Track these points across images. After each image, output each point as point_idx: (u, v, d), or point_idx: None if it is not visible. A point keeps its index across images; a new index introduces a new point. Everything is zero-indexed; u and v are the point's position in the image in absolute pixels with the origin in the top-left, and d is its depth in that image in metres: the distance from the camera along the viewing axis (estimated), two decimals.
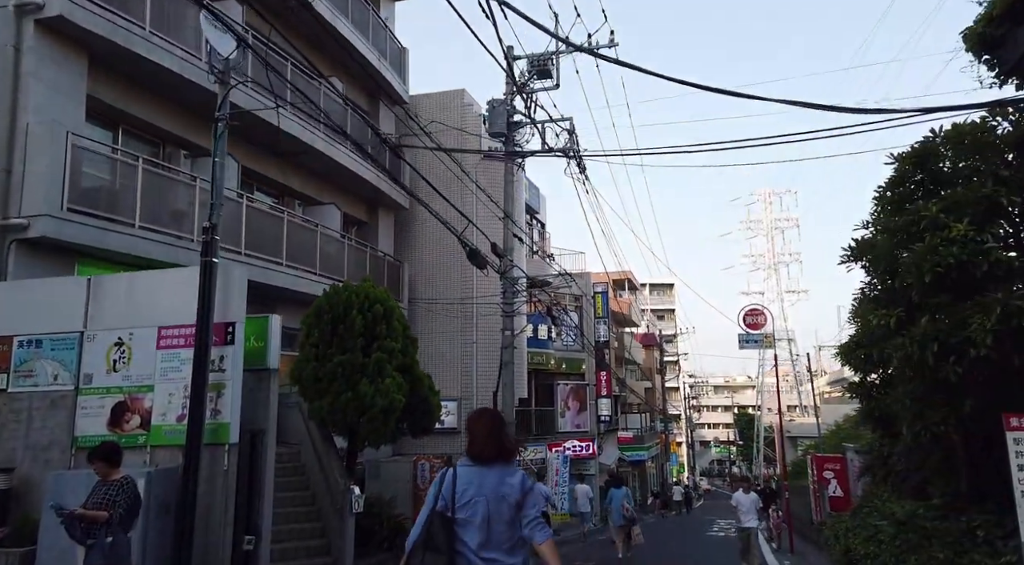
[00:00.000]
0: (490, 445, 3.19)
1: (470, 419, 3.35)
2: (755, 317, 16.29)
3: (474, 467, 3.19)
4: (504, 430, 3.33)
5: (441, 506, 3.16)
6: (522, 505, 3.16)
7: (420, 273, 17.95)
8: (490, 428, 3.24)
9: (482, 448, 3.20)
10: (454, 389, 17.34)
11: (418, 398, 10.07)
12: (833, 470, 17.86)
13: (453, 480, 3.19)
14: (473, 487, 3.13)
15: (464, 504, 3.10)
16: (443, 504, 3.16)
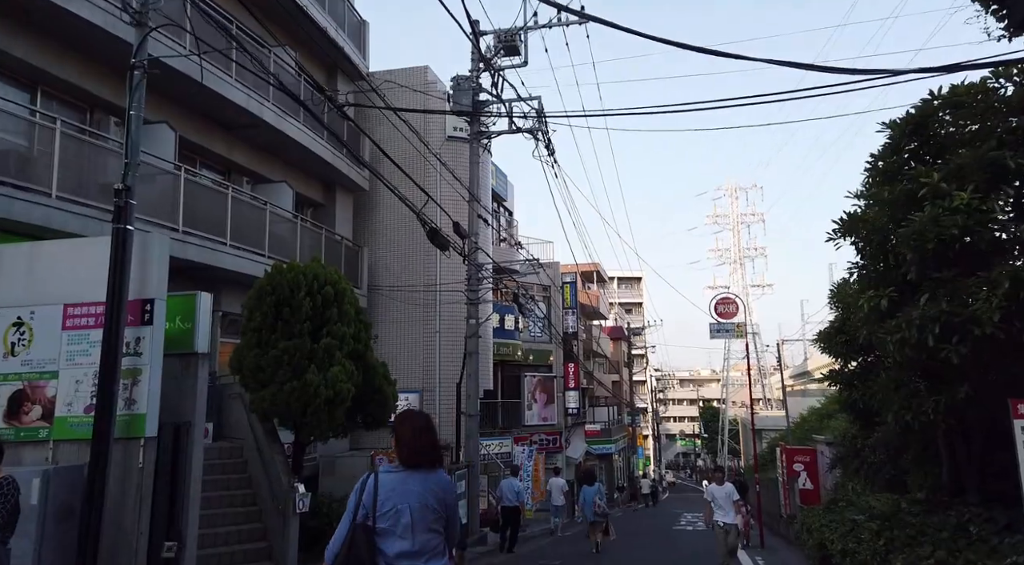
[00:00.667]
0: (416, 449, 3.04)
1: (396, 421, 3.19)
2: (726, 306, 15.82)
3: (397, 473, 3.04)
4: (431, 433, 3.16)
5: (362, 516, 2.99)
6: (446, 511, 3.06)
7: (381, 259, 17.09)
8: (416, 431, 3.09)
9: (408, 452, 3.05)
10: (415, 380, 16.56)
11: (372, 388, 9.29)
12: (803, 462, 17.56)
13: (375, 487, 3.02)
14: (396, 494, 2.97)
15: (385, 513, 2.95)
16: (364, 513, 2.99)
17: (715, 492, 10.84)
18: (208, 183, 11.04)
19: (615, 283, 68.68)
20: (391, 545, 2.94)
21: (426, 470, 3.05)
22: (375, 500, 2.98)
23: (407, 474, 3.03)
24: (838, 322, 9.62)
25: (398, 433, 3.11)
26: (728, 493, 10.70)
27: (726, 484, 10.99)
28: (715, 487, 10.98)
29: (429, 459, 3.08)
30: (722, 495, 10.72)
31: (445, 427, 16.24)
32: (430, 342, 16.58)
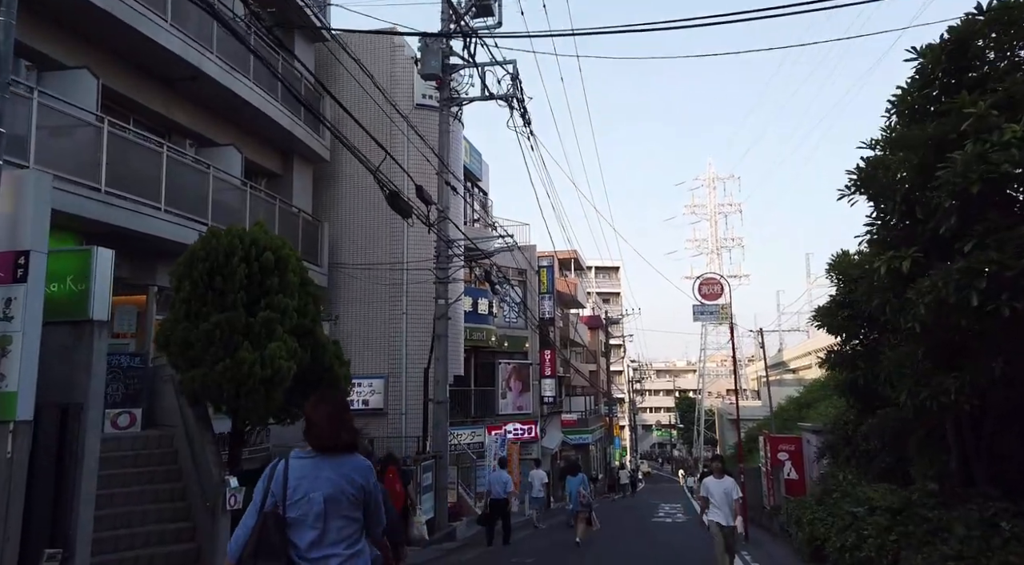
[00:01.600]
0: (328, 433, 2.88)
1: (309, 404, 3.02)
2: (710, 287, 14.96)
3: (309, 459, 2.89)
4: (345, 417, 2.99)
5: (271, 504, 2.83)
6: (363, 498, 2.89)
7: (343, 235, 15.92)
8: (330, 415, 2.93)
9: (320, 437, 2.89)
10: (380, 365, 15.46)
11: (320, 368, 8.19)
12: (788, 451, 16.80)
13: (284, 474, 2.86)
14: (307, 481, 2.82)
15: (296, 501, 2.81)
16: (272, 501, 2.83)
17: (712, 488, 8.77)
18: (139, 139, 9.79)
19: (592, 273, 68.07)
20: (303, 536, 2.79)
21: (341, 455, 2.87)
22: (285, 487, 2.81)
23: (320, 459, 2.85)
24: (840, 295, 8.78)
25: (310, 416, 2.93)
26: (728, 490, 8.73)
27: (726, 478, 8.91)
28: (712, 482, 8.88)
29: (344, 443, 2.89)
30: (720, 492, 8.67)
31: (412, 415, 15.20)
32: (396, 324, 15.50)
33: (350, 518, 2.85)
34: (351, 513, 2.86)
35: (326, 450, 2.86)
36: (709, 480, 9.07)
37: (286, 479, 2.84)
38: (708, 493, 8.83)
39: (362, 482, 2.88)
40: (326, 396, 3.06)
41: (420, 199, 9.88)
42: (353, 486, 2.85)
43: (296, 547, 2.78)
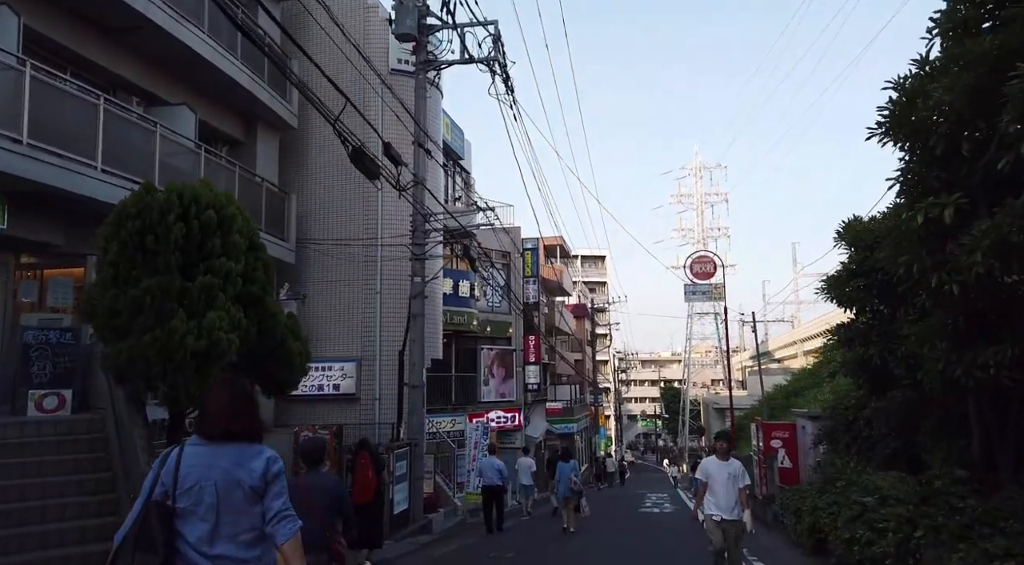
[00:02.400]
0: (225, 419, 2.66)
1: (210, 388, 2.84)
2: (703, 265, 14.13)
3: (204, 446, 2.68)
4: (248, 402, 2.77)
5: (159, 493, 2.65)
6: (264, 494, 2.65)
7: (314, 210, 14.89)
8: (229, 398, 2.72)
9: (215, 422, 2.68)
10: (353, 347, 14.49)
11: (271, 342, 7.24)
12: (781, 438, 16.05)
13: (177, 461, 2.67)
14: (199, 470, 2.64)
15: (186, 490, 2.61)
16: (162, 491, 2.65)
17: (712, 470, 7.09)
18: (69, 88, 8.71)
19: (579, 262, 67.37)
20: (192, 528, 2.60)
21: (240, 442, 2.69)
22: (176, 476, 2.64)
23: (216, 447, 2.68)
24: (853, 263, 7.95)
25: (208, 400, 2.78)
26: (734, 474, 7.06)
27: (732, 460, 7.25)
28: (712, 463, 7.20)
29: (244, 429, 2.70)
30: (723, 477, 7.00)
31: (386, 401, 14.27)
32: (370, 304, 14.52)
33: (247, 513, 2.63)
34: (249, 507, 2.63)
35: (214, 438, 2.66)
36: (710, 461, 7.26)
37: (178, 467, 2.65)
38: (708, 476, 7.06)
39: (261, 473, 2.64)
40: (227, 380, 2.87)
41: (388, 158, 8.89)
42: (252, 477, 2.62)
43: (185, 539, 2.59)
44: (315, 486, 5.08)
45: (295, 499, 5.73)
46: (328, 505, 5.01)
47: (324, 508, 4.95)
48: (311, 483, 5.12)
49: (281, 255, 13.48)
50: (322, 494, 5.01)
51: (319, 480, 5.24)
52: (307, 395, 14.27)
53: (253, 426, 2.74)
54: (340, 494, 5.28)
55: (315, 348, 14.64)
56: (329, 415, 14.11)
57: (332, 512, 5.04)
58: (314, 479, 5.23)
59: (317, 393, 14.23)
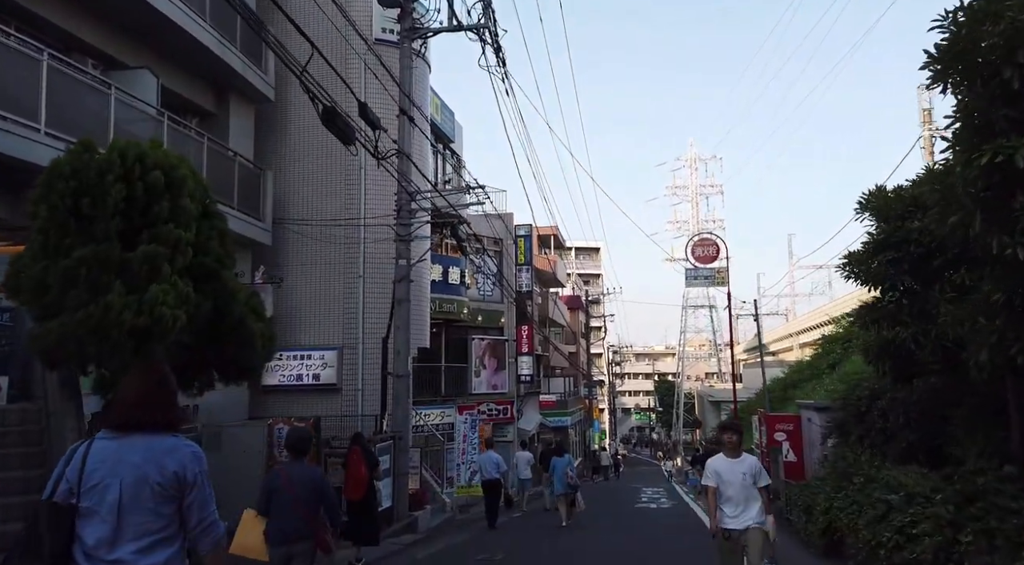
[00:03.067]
0: (136, 409, 2.44)
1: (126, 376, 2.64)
2: (705, 248, 13.34)
3: (114, 439, 2.45)
4: (164, 390, 2.54)
5: (63, 492, 2.41)
6: (183, 496, 2.41)
7: (292, 188, 14.01)
8: (143, 386, 2.51)
9: (124, 412, 2.47)
10: (334, 335, 13.65)
11: (228, 321, 6.39)
12: (785, 431, 15.36)
13: (83, 457, 2.44)
14: (107, 466, 2.39)
15: (91, 488, 2.38)
16: (66, 489, 2.41)
17: (722, 471, 5.68)
18: (9, 42, 7.80)
19: (573, 254, 66.61)
20: (92, 530, 2.36)
21: (153, 434, 2.44)
22: (81, 472, 2.40)
23: (127, 441, 2.43)
24: (881, 235, 7.17)
25: (121, 389, 2.57)
26: (749, 473, 5.68)
27: (745, 457, 5.89)
28: (722, 462, 5.76)
29: (156, 420, 2.45)
30: (736, 478, 5.60)
31: (369, 391, 13.44)
32: (352, 289, 13.67)
33: (156, 513, 2.41)
34: (159, 507, 2.41)
35: (124, 429, 2.46)
36: (718, 460, 5.79)
37: (84, 463, 2.43)
38: (719, 480, 5.64)
39: (176, 470, 2.42)
40: (144, 367, 2.68)
41: (364, 120, 8.03)
42: (164, 475, 2.41)
43: (84, 543, 2.36)
44: (298, 477, 5.09)
45: (279, 490, 5.07)
46: (311, 496, 5.00)
47: (307, 499, 4.97)
48: (294, 474, 5.12)
49: (256, 235, 12.63)
50: (305, 485, 5.02)
51: (302, 471, 5.22)
52: (285, 385, 13.44)
53: (168, 417, 2.50)
54: (322, 485, 5.22)
55: (294, 335, 13.86)
56: (309, 407, 13.27)
57: (315, 503, 5.02)
58: (297, 470, 5.20)
59: (296, 383, 13.40)
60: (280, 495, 5.05)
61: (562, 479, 13.07)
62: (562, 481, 13.08)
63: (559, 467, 13.21)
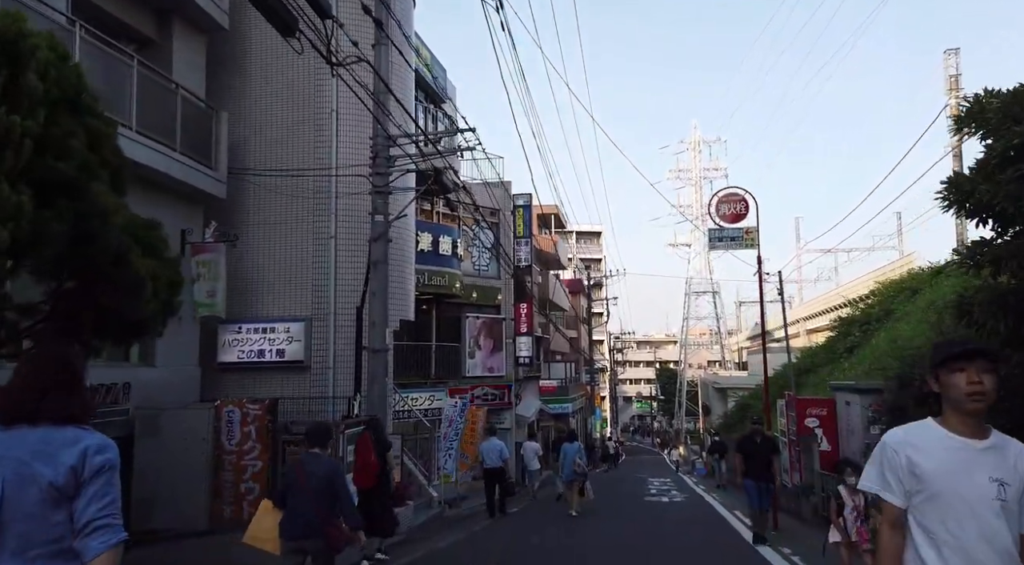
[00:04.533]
0: (29, 397, 2.06)
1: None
2: (732, 205, 11.47)
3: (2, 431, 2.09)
4: (66, 377, 2.15)
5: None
6: (76, 495, 2.00)
7: (253, 135, 12.11)
8: (40, 370, 2.14)
9: (15, 401, 2.08)
10: (301, 304, 11.79)
11: (97, 251, 4.52)
12: (818, 416, 13.56)
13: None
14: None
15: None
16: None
17: (938, 473, 2.12)
18: None
19: (574, 238, 64.79)
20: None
21: (50, 427, 2.04)
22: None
23: (13, 433, 2.04)
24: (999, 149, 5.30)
25: (14, 372, 2.16)
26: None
27: (997, 438, 2.15)
28: (938, 443, 2.20)
29: (55, 410, 2.06)
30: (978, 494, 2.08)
31: (342, 369, 11.60)
32: (322, 252, 11.80)
33: (45, 520, 1.95)
34: (49, 513, 1.95)
35: (8, 420, 2.05)
36: (919, 436, 2.25)
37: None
38: (926, 495, 2.14)
39: (74, 463, 1.98)
40: (47, 349, 2.31)
41: (313, 6, 6.10)
42: (58, 473, 1.96)
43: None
44: (311, 469, 4.93)
45: (294, 484, 4.85)
46: (322, 489, 4.85)
47: (318, 492, 4.82)
48: (309, 467, 4.97)
49: (207, 186, 10.75)
50: (316, 478, 4.88)
51: (315, 463, 5.02)
52: (245, 363, 11.60)
53: (69, 406, 2.06)
54: (335, 478, 5.03)
55: (254, 305, 11.99)
56: (273, 387, 11.46)
57: (327, 496, 4.87)
58: (311, 462, 5.02)
59: (257, 361, 11.56)
60: (295, 489, 4.90)
61: (571, 466, 12.97)
62: (571, 467, 12.97)
63: (569, 453, 13.13)
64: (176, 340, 10.49)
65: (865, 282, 38.47)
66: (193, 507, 9.07)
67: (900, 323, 19.56)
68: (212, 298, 10.68)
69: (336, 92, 11.67)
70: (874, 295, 28.12)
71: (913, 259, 34.26)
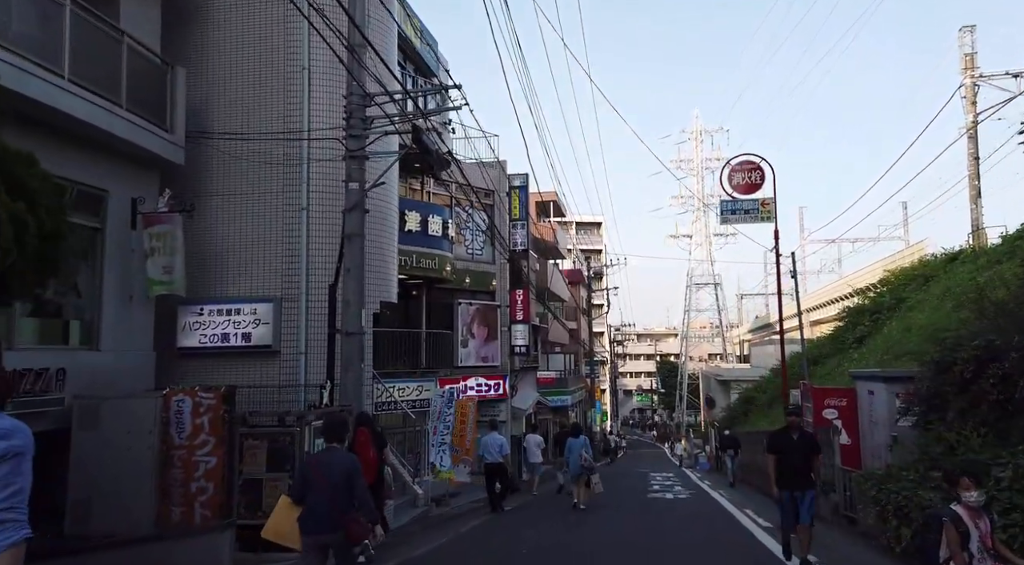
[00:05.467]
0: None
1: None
2: (747, 173, 10.32)
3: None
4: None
5: None
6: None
7: (216, 96, 10.96)
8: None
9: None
10: (270, 285, 10.67)
11: None
12: (837, 407, 12.48)
13: None
14: None
15: None
16: None
17: None
18: None
19: (573, 228, 63.67)
20: None
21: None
22: None
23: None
24: None
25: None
26: None
27: None
28: None
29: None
30: None
31: (316, 355, 10.51)
32: (294, 226, 10.66)
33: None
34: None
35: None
36: None
37: None
38: None
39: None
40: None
41: None
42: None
43: None
44: (327, 463, 4.97)
45: (311, 478, 4.88)
46: (340, 483, 4.86)
47: (336, 486, 4.84)
48: (324, 460, 5.05)
49: (162, 150, 9.59)
50: (333, 472, 4.89)
51: (332, 457, 5.07)
52: (208, 348, 10.49)
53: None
54: (353, 472, 4.98)
55: (218, 284, 10.83)
56: (239, 374, 10.35)
57: (345, 491, 4.87)
58: (328, 456, 5.10)
59: (221, 345, 10.44)
60: (313, 483, 4.92)
61: (577, 460, 12.78)
62: (577, 462, 12.78)
63: (574, 448, 12.92)
64: (126, 321, 9.38)
65: (873, 271, 37.47)
66: (137, 509, 7.95)
67: (914, 311, 18.74)
68: (168, 275, 9.55)
69: (308, 46, 10.53)
70: (884, 284, 27.32)
71: (924, 246, 33.13)
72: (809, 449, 7.77)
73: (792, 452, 7.64)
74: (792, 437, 7.75)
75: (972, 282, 15.27)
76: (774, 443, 8.02)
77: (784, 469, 7.61)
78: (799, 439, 7.75)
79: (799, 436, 7.79)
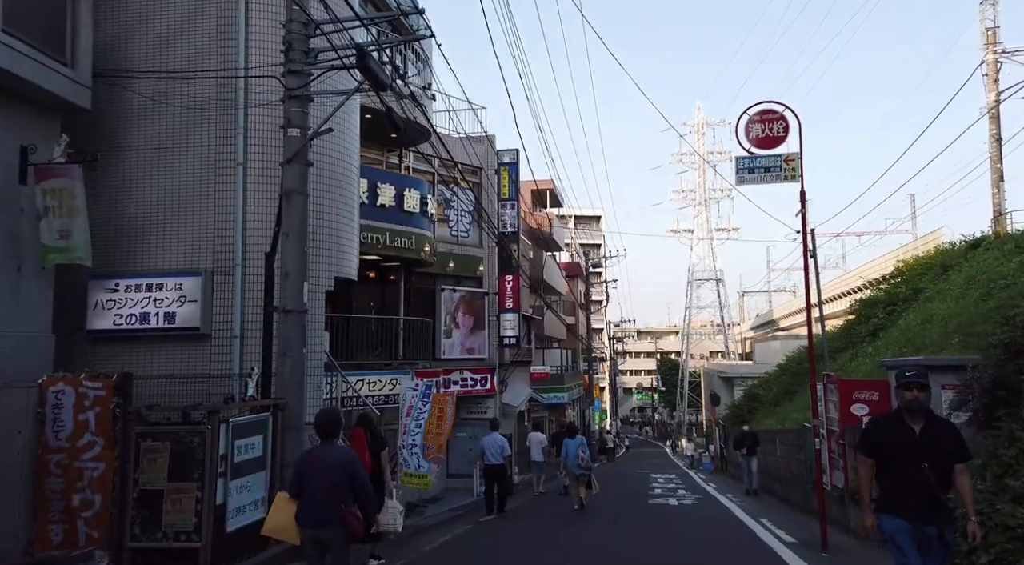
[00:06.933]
0: None
1: None
2: (767, 125, 8.66)
3: None
4: None
5: None
6: None
7: (135, 30, 9.24)
8: None
9: None
10: (199, 255, 8.94)
11: None
12: (868, 403, 10.80)
13: None
14: None
15: None
16: None
17: None
18: None
19: (572, 222, 62.01)
20: None
21: None
22: None
23: None
24: None
25: None
26: None
27: None
28: None
29: None
30: None
31: (253, 338, 8.79)
32: (228, 184, 8.93)
33: None
34: None
35: None
36: None
37: None
38: None
39: None
40: None
41: None
42: None
43: None
44: (325, 459, 4.90)
45: (308, 474, 4.98)
46: (339, 479, 4.82)
47: (335, 482, 4.80)
48: (322, 456, 4.94)
49: (61, 89, 7.87)
50: (332, 468, 4.84)
51: (330, 453, 4.96)
52: (123, 330, 8.77)
53: None
54: (352, 468, 4.93)
55: (137, 255, 8.99)
56: (162, 360, 8.66)
57: (344, 487, 4.84)
58: (325, 452, 4.97)
59: (140, 327, 8.71)
60: (310, 478, 4.83)
61: (574, 461, 12.61)
62: (574, 463, 12.62)
63: (571, 449, 12.72)
64: (14, 296, 7.68)
65: (885, 262, 35.97)
66: (5, 527, 6.28)
67: (933, 302, 17.35)
68: (66, 241, 7.84)
69: None
70: (899, 274, 26.04)
71: (940, 235, 31.48)
72: (946, 449, 4.23)
73: (911, 453, 4.20)
74: (912, 428, 4.25)
75: (1000, 269, 14.12)
76: (875, 436, 4.48)
77: (893, 483, 4.28)
78: (925, 431, 4.24)
79: (926, 426, 4.26)
